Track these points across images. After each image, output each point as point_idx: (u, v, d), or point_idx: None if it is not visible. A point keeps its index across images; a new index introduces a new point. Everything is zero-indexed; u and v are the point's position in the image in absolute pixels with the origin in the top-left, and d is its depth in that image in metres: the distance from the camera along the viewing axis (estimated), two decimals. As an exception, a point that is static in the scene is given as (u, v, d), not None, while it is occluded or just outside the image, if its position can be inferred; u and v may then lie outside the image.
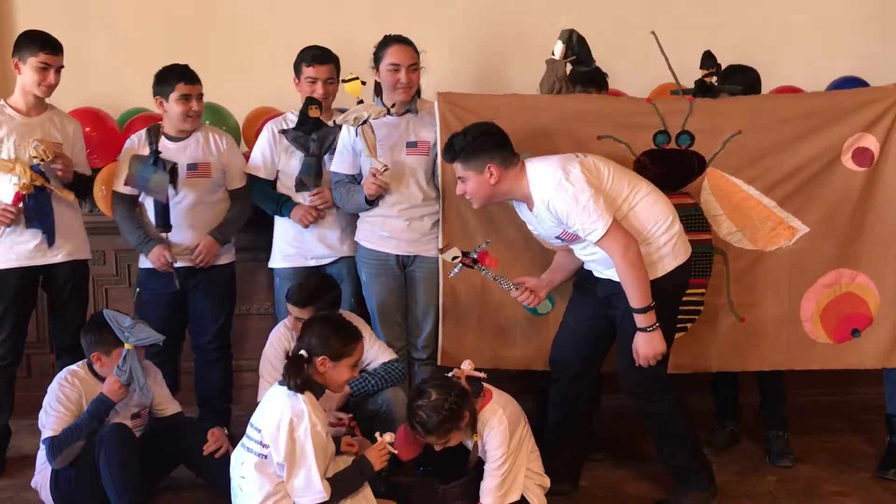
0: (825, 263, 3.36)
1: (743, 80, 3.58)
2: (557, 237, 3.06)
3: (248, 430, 2.83)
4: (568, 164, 2.96)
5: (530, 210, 3.06)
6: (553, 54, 3.37)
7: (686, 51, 3.45)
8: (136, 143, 3.58)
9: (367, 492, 2.86)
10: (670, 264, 3.04)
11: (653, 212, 3.01)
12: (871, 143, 3.29)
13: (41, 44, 3.36)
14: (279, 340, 3.36)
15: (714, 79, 3.45)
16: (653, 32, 3.42)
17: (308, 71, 3.57)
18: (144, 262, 3.62)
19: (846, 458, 3.61)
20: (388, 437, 2.90)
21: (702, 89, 3.45)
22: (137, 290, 3.59)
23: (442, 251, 3.28)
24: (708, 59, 3.47)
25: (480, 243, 3.28)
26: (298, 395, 2.75)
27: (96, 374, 3.16)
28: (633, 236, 2.94)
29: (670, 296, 3.08)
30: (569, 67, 3.47)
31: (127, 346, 3.06)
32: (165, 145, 3.54)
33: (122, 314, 3.14)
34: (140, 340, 3.09)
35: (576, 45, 3.35)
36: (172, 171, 3.46)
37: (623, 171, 3.06)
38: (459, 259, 3.22)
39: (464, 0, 4.32)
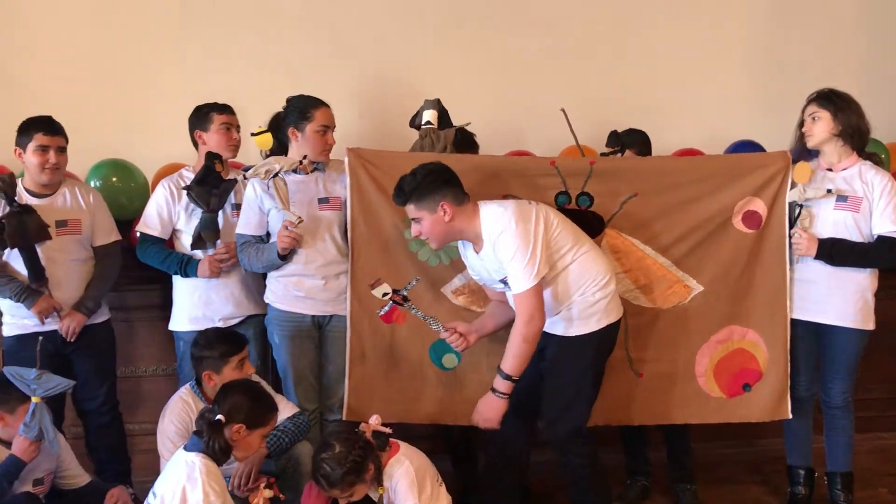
0: (718, 321, 3.48)
1: (635, 140, 3.77)
2: (502, 280, 3.09)
3: (149, 496, 2.78)
4: (522, 213, 3.01)
5: (477, 252, 3.09)
6: (429, 123, 3.46)
7: (588, 116, 3.60)
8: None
9: None
10: (602, 321, 3.11)
11: (591, 268, 3.09)
12: (759, 206, 3.43)
13: None
14: (178, 416, 3.20)
15: (618, 156, 3.63)
16: (562, 110, 3.56)
17: (222, 118, 3.55)
18: (10, 329, 3.44)
19: (753, 509, 3.70)
20: (268, 493, 2.89)
21: None
22: (40, 339, 3.25)
23: (372, 287, 3.24)
24: (613, 138, 3.66)
25: (410, 280, 3.27)
26: (195, 463, 2.73)
27: None
28: (543, 314, 3.00)
29: (598, 352, 3.15)
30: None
31: (34, 399, 2.96)
32: (29, 201, 3.38)
33: (23, 368, 3.03)
34: (49, 390, 2.99)
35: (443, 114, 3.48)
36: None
37: (571, 227, 3.13)
38: (390, 296, 3.20)
39: (365, 58, 4.38)
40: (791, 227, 3.42)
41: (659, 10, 4.62)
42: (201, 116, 3.58)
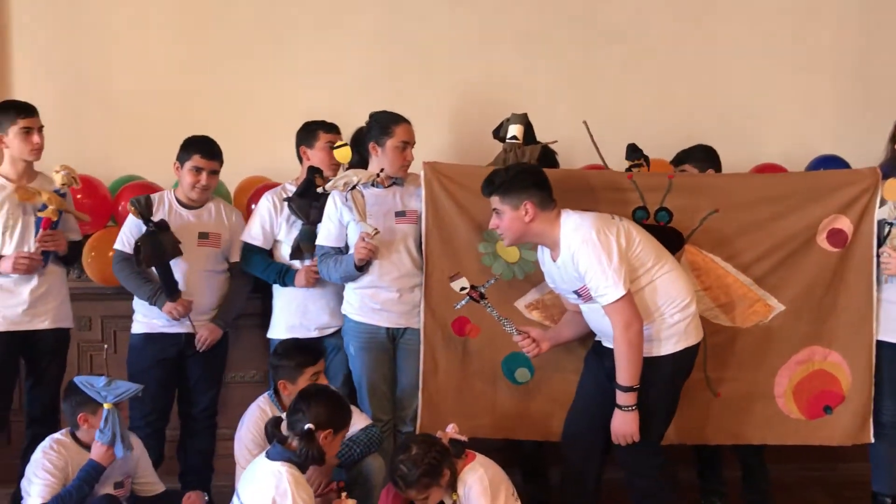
0: (799, 341, 3.40)
1: (694, 156, 3.73)
2: (576, 291, 3.08)
3: (234, 499, 2.82)
4: (604, 225, 3.00)
5: (554, 260, 3.09)
6: (514, 138, 3.45)
7: (668, 130, 3.55)
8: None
9: None
10: (679, 344, 3.07)
11: (672, 289, 3.05)
12: (845, 224, 3.34)
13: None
14: (255, 424, 3.24)
15: (643, 169, 3.56)
16: (584, 122, 3.53)
17: (327, 137, 3.63)
18: (139, 328, 3.59)
19: (832, 535, 3.60)
20: (351, 502, 2.94)
21: None
22: (105, 347, 3.50)
23: (451, 279, 3.26)
24: (633, 152, 3.60)
25: (489, 279, 3.29)
26: (282, 473, 2.76)
27: (80, 442, 3.14)
28: (640, 316, 2.97)
29: (674, 375, 3.10)
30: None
31: (106, 405, 3.05)
32: (178, 211, 3.58)
33: (93, 376, 3.14)
34: (119, 396, 3.08)
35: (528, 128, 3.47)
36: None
37: (653, 244, 3.10)
38: (468, 290, 3.22)
39: (449, 73, 4.43)
40: (880, 245, 3.31)
41: (741, 20, 4.56)
42: (308, 133, 3.68)
